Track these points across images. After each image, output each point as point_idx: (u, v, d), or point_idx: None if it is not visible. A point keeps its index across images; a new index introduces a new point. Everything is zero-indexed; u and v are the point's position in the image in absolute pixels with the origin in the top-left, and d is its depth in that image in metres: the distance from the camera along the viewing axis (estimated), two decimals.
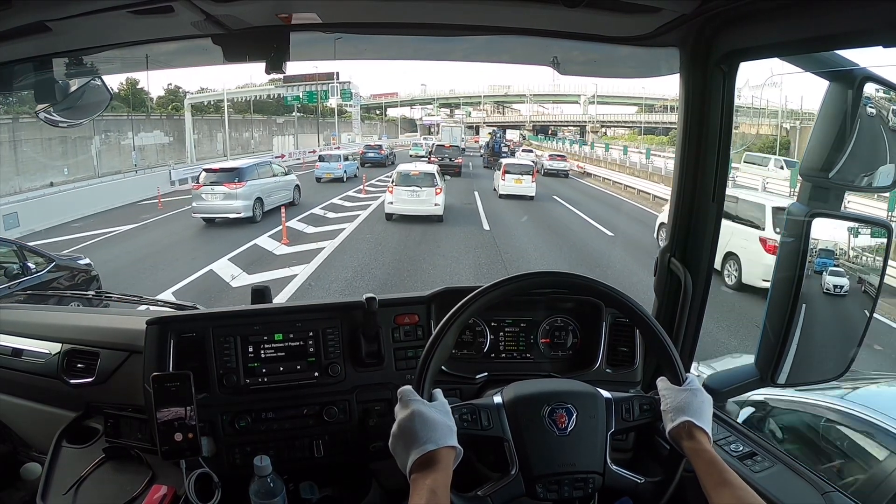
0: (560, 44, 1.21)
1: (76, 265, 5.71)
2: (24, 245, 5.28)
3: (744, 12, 0.92)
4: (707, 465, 0.78)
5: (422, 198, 11.09)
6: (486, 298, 0.89)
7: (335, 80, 25.73)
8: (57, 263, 5.31)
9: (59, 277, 5.24)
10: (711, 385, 1.16)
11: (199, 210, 10.79)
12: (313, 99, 28.08)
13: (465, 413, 0.85)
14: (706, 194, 1.14)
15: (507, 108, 63.48)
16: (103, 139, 20.66)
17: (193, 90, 31.22)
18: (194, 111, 26.37)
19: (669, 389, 0.87)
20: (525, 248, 9.52)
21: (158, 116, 25.16)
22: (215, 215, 10.86)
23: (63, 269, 5.38)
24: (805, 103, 27.83)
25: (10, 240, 5.38)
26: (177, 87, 29.60)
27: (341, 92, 29.10)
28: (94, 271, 5.84)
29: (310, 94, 27.01)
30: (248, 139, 31.21)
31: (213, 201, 10.71)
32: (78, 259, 5.91)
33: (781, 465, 1.04)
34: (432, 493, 0.70)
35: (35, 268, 4.99)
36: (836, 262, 1.06)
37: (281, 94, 28.78)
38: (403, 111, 63.43)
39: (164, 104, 28.20)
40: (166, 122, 25.22)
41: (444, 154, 21.41)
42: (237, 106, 32.74)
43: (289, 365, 1.18)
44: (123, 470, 1.19)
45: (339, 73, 23.64)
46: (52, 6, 0.87)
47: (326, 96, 28.35)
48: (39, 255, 5.21)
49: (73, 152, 19.04)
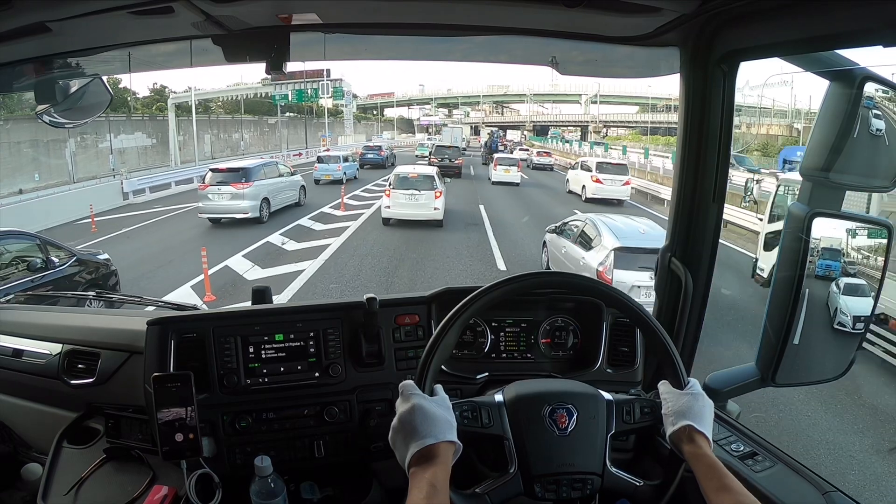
0: (560, 44, 1.21)
1: (96, 259, 5.80)
2: (47, 239, 5.33)
3: (744, 12, 0.92)
4: (707, 470, 0.78)
5: (420, 202, 10.68)
6: (488, 297, 0.89)
7: (325, 78, 24.91)
8: (78, 258, 5.40)
9: (81, 271, 5.33)
10: (712, 385, 1.16)
11: (206, 210, 10.75)
12: (302, 98, 26.88)
13: (465, 410, 0.85)
14: (706, 194, 1.14)
15: (506, 108, 63.39)
16: (79, 142, 19.48)
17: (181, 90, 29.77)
18: (180, 111, 25.21)
19: (671, 393, 0.87)
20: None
21: (140, 117, 24.05)
22: (222, 215, 10.79)
23: (84, 263, 5.46)
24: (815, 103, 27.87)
25: (33, 234, 5.36)
26: (162, 86, 28.40)
27: (333, 90, 27.71)
28: (112, 265, 5.94)
29: (299, 93, 25.84)
30: (237, 140, 30.22)
31: (220, 201, 10.65)
32: (97, 254, 6.00)
33: (782, 465, 1.04)
34: (432, 487, 0.70)
35: (58, 262, 5.06)
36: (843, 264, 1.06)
37: (269, 92, 27.53)
38: (401, 111, 63.16)
39: (149, 104, 27.30)
40: (149, 123, 23.95)
41: (445, 155, 21.40)
42: (227, 106, 31.60)
43: (289, 365, 1.18)
44: (124, 470, 1.19)
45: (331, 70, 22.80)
46: (52, 7, 0.87)
47: (316, 95, 26.97)
48: (61, 250, 5.28)
49: (45, 156, 17.90)
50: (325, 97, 28.74)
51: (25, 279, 4.70)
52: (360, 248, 9.09)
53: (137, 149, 22.69)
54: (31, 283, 4.67)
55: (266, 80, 23.86)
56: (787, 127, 27.80)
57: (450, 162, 20.66)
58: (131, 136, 22.39)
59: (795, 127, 27.23)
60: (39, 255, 4.97)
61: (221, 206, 10.67)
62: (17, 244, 5.02)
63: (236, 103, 31.07)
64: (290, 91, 25.62)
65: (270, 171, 12.00)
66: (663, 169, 19.64)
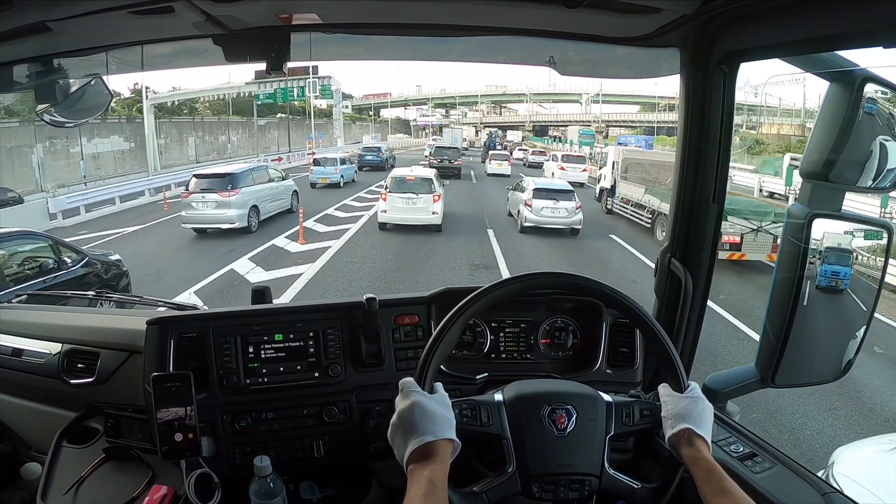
0: (559, 44, 1.21)
1: (108, 260, 5.77)
2: (59, 240, 5.30)
3: (744, 13, 0.92)
4: (706, 474, 0.78)
5: (418, 206, 10.22)
6: (489, 297, 0.89)
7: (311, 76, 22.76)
8: (89, 259, 5.36)
9: (93, 272, 5.29)
10: (711, 386, 1.16)
11: (189, 220, 9.94)
12: (288, 97, 25.43)
13: (465, 408, 0.86)
14: (706, 194, 1.14)
15: (505, 108, 63.18)
16: (48, 147, 17.50)
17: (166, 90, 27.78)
18: (161, 113, 23.70)
19: (671, 396, 0.87)
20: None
21: (117, 120, 22.05)
22: (207, 225, 9.95)
23: (95, 263, 5.43)
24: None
25: (45, 234, 5.33)
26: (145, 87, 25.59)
27: (321, 88, 25.84)
28: (124, 266, 5.90)
29: (284, 92, 24.44)
30: (224, 143, 28.05)
31: (204, 210, 9.82)
32: (109, 255, 5.96)
33: (781, 466, 1.04)
34: (431, 484, 0.70)
35: (70, 262, 5.03)
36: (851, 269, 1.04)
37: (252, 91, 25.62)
38: (397, 112, 62.50)
39: (129, 105, 25.64)
40: (127, 125, 22.01)
41: (444, 156, 21.69)
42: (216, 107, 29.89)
43: (289, 365, 1.18)
44: (123, 470, 1.19)
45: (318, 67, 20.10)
46: (52, 6, 0.88)
47: (303, 93, 25.46)
48: (73, 251, 5.24)
49: (8, 164, 16.05)
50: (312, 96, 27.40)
51: (38, 280, 4.68)
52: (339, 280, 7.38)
53: (114, 153, 20.88)
54: (44, 284, 4.64)
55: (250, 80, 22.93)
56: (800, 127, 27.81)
57: (449, 162, 21.01)
58: (107, 139, 20.45)
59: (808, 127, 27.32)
60: (52, 256, 4.95)
61: (206, 215, 9.85)
62: (29, 244, 5.01)
63: (222, 103, 29.42)
64: (275, 89, 24.23)
65: (260, 176, 11.26)
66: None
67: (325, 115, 39.97)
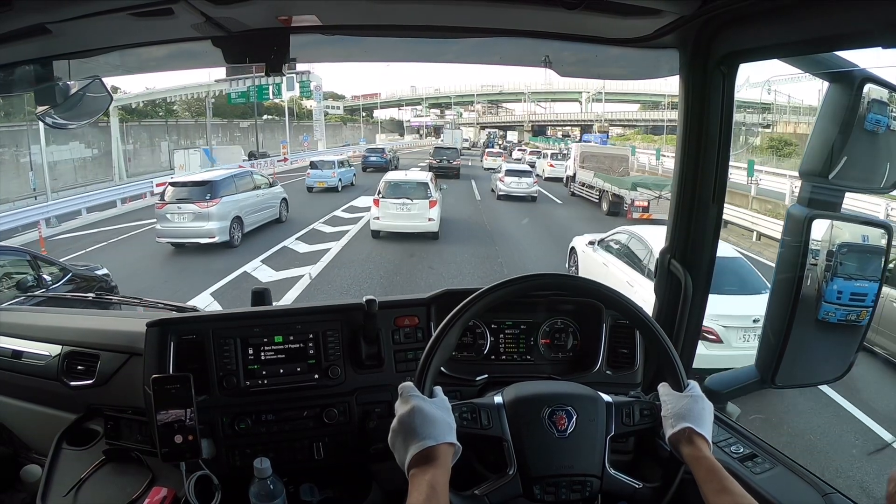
0: (555, 44, 1.21)
1: (93, 275, 5.36)
2: (38, 254, 4.95)
3: (743, 14, 0.92)
4: (707, 473, 0.78)
5: (413, 212, 9.57)
6: (489, 298, 0.89)
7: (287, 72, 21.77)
8: (73, 274, 4.97)
9: (77, 289, 4.81)
10: (711, 387, 1.16)
11: (164, 234, 8.92)
12: (263, 95, 23.04)
13: (465, 412, 0.85)
14: (706, 195, 1.14)
15: (501, 108, 62.76)
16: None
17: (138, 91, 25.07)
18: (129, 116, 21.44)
19: (670, 395, 0.87)
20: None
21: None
22: (183, 240, 8.97)
23: (79, 279, 5.01)
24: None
25: (22, 249, 4.92)
26: (114, 87, 21.50)
27: (300, 85, 24.05)
28: (112, 281, 5.51)
29: (259, 90, 22.22)
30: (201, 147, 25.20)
31: (181, 223, 8.81)
32: (95, 269, 5.55)
33: (782, 467, 1.04)
34: (431, 489, 0.70)
35: (50, 279, 4.63)
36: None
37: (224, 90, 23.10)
38: (391, 112, 61.65)
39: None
40: (89, 130, 19.58)
41: (444, 156, 22.10)
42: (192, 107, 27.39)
43: (289, 367, 1.18)
44: (123, 472, 1.18)
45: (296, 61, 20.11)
46: (51, 8, 0.87)
47: (279, 91, 23.33)
48: (54, 266, 4.87)
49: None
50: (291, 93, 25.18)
51: (15, 300, 4.17)
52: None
53: (74, 161, 18.89)
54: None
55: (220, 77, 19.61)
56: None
57: (448, 163, 21.48)
58: (65, 146, 18.34)
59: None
60: (30, 272, 4.51)
61: (182, 228, 8.84)
62: (4, 259, 4.58)
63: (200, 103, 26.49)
64: (249, 88, 21.81)
65: (244, 183, 10.16)
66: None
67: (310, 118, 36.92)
